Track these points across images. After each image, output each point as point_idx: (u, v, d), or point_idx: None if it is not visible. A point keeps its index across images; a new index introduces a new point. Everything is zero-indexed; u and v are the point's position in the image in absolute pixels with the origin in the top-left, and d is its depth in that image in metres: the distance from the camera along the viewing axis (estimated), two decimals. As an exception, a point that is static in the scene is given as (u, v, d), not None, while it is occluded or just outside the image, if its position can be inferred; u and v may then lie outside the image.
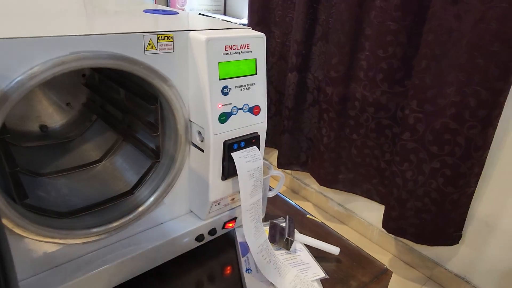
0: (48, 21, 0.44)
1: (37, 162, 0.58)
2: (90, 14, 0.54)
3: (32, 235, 0.40)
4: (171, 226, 0.53)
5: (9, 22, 0.41)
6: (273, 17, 1.63)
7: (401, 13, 1.16)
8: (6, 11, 0.47)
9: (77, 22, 0.46)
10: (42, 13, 0.48)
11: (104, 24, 0.47)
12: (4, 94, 0.33)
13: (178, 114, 0.47)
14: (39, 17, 0.45)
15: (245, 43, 0.46)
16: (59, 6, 0.54)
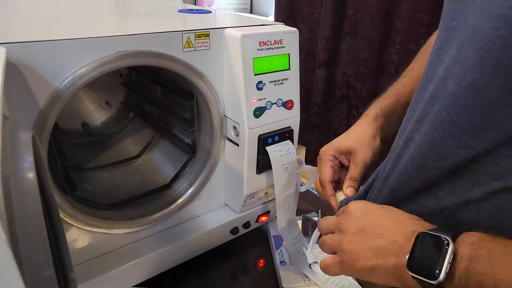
0: (91, 23, 0.46)
1: (81, 158, 0.61)
2: (126, 16, 0.56)
3: (81, 224, 0.43)
4: (207, 219, 0.55)
5: (55, 25, 0.44)
6: (300, 14, 1.62)
7: (434, 4, 1.13)
8: (47, 15, 0.50)
9: (119, 23, 0.49)
10: (81, 15, 0.51)
11: (144, 25, 0.49)
12: (58, 93, 0.36)
13: (213, 110, 0.48)
14: (80, 19, 0.48)
15: (279, 39, 0.47)
16: (95, 9, 0.56)
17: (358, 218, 0.36)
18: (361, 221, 0.36)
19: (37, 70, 0.34)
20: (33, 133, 0.25)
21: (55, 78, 0.36)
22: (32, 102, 0.35)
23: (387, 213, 0.35)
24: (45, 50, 0.34)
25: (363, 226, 0.35)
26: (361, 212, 0.36)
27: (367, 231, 0.35)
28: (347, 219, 0.37)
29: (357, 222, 0.36)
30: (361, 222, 0.35)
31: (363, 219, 0.36)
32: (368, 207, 0.36)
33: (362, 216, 0.36)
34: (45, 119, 0.36)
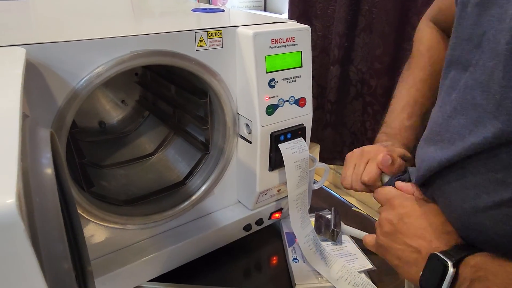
0: (107, 24, 0.47)
1: (98, 155, 0.63)
2: (141, 16, 0.57)
3: (98, 219, 0.44)
4: (220, 216, 0.55)
5: (72, 26, 0.45)
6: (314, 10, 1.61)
7: (451, -2, 1.10)
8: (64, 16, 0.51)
9: (133, 24, 0.50)
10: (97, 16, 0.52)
11: (158, 24, 0.50)
12: (75, 92, 0.37)
13: (226, 108, 0.49)
14: (96, 20, 0.49)
15: (291, 36, 0.47)
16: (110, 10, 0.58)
17: (392, 220, 0.39)
18: (394, 224, 0.38)
19: (55, 69, 0.35)
20: (51, 130, 0.26)
21: (73, 78, 0.37)
22: (50, 101, 0.36)
23: (422, 222, 0.36)
24: (63, 51, 0.35)
25: (396, 230, 0.38)
26: (397, 216, 0.38)
27: (398, 236, 0.38)
28: (385, 214, 0.40)
29: (389, 224, 0.39)
30: (394, 225, 0.38)
31: (397, 223, 0.38)
32: (407, 210, 0.38)
33: (397, 220, 0.38)
34: (63, 117, 0.37)
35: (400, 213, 0.38)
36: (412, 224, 0.37)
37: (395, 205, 0.39)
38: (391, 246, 0.38)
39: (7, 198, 0.13)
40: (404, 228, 0.37)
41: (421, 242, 0.35)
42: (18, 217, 0.13)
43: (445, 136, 0.33)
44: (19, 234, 0.14)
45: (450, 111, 0.33)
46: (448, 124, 0.33)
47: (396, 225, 0.38)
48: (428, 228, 0.36)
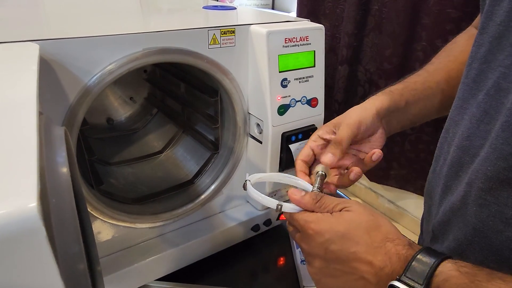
0: (118, 20, 0.47)
1: (106, 153, 0.62)
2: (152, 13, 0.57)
3: (107, 217, 0.44)
4: (229, 216, 0.55)
5: (84, 22, 0.45)
6: (323, 9, 1.60)
7: (463, -1, 1.09)
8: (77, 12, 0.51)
9: (144, 20, 0.49)
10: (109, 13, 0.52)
11: (170, 22, 0.49)
12: (87, 88, 0.36)
13: (237, 107, 0.48)
14: (108, 17, 0.49)
15: (304, 35, 0.46)
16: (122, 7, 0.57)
17: (318, 253, 0.34)
18: (322, 257, 0.33)
19: (67, 66, 0.35)
20: (65, 128, 0.25)
21: (85, 74, 0.36)
22: (62, 98, 0.36)
23: (348, 244, 0.32)
24: (75, 47, 0.35)
25: (326, 262, 0.33)
26: (319, 246, 0.33)
27: (331, 267, 0.33)
28: (306, 247, 0.35)
29: (317, 259, 0.34)
30: (322, 257, 0.33)
31: (324, 254, 0.33)
32: (327, 236, 0.32)
33: (322, 251, 0.33)
34: (74, 114, 0.36)
35: (321, 242, 0.33)
36: (339, 250, 0.32)
37: (310, 234, 0.34)
38: (331, 281, 0.33)
39: (29, 201, 0.13)
40: (334, 257, 0.32)
41: (360, 267, 0.31)
42: (40, 222, 0.13)
43: None
44: (40, 239, 0.13)
45: None
46: None
47: (324, 257, 0.33)
48: (358, 248, 0.31)
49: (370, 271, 0.30)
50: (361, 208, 0.34)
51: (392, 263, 0.29)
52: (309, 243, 0.34)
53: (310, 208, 0.35)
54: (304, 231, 0.34)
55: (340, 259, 0.32)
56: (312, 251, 0.34)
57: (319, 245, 0.33)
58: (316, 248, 0.33)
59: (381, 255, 0.30)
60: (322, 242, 0.32)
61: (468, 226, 0.32)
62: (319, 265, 0.34)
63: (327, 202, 0.35)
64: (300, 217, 0.35)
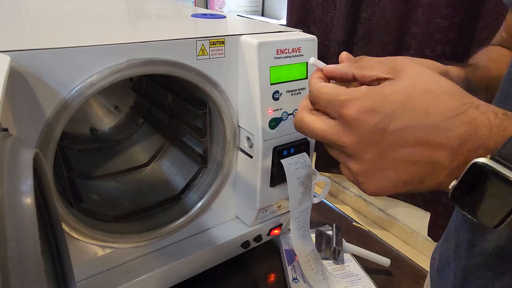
0: (102, 29, 0.45)
1: (89, 165, 0.59)
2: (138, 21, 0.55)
3: (87, 238, 0.41)
4: (218, 232, 0.53)
5: (64, 31, 0.42)
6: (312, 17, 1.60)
7: (452, 9, 1.10)
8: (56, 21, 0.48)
9: (129, 30, 0.47)
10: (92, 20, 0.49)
11: (156, 31, 0.47)
12: (65, 102, 0.34)
13: (227, 120, 0.46)
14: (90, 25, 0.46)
15: (297, 47, 0.44)
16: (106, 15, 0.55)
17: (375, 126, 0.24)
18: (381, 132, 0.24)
19: (44, 79, 0.32)
20: (36, 151, 0.23)
21: (63, 87, 0.34)
22: (38, 113, 0.33)
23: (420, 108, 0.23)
24: (52, 58, 0.32)
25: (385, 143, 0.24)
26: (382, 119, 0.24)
27: (390, 153, 0.24)
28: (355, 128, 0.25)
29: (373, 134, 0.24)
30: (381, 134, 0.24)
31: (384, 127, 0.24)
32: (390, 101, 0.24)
33: (386, 122, 0.24)
34: (51, 130, 0.34)
35: (375, 124, 0.24)
36: (404, 127, 0.23)
37: (357, 118, 0.25)
38: (386, 177, 0.25)
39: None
40: (396, 140, 0.24)
41: (434, 145, 0.23)
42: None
43: None
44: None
45: None
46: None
47: (380, 142, 0.24)
48: (431, 118, 0.23)
49: (446, 148, 0.23)
50: (418, 68, 0.25)
51: (479, 136, 0.22)
52: (356, 130, 0.25)
53: (349, 71, 0.27)
54: (345, 117, 0.25)
55: (406, 139, 0.24)
56: (362, 141, 0.25)
57: (373, 129, 0.24)
58: (369, 134, 0.25)
59: (462, 125, 0.22)
60: (376, 123, 0.24)
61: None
62: (372, 158, 0.25)
63: (369, 62, 0.27)
64: (336, 95, 0.26)
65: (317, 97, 0.28)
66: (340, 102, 0.26)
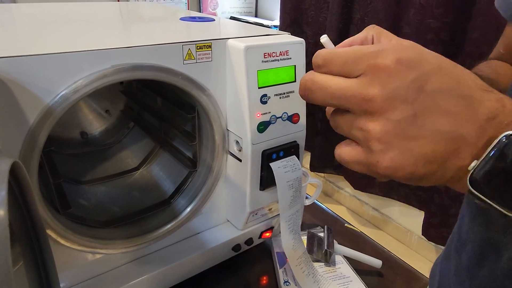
0: (88, 34, 0.44)
1: (78, 170, 0.59)
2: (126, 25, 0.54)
3: (75, 245, 0.41)
4: (208, 236, 0.52)
5: (48, 36, 0.42)
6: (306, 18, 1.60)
7: (443, 10, 1.10)
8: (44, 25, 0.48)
9: (116, 34, 0.47)
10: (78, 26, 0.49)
11: (143, 35, 0.47)
12: (49, 109, 0.33)
13: (215, 124, 0.46)
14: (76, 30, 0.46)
15: (284, 50, 0.44)
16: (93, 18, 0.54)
17: (411, 82, 0.21)
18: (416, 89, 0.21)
19: (26, 85, 0.32)
20: (14, 160, 0.23)
21: (47, 94, 0.33)
22: (21, 120, 0.33)
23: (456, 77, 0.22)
24: (35, 65, 0.32)
25: (418, 104, 0.21)
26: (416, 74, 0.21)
27: (420, 117, 0.22)
28: (388, 78, 0.22)
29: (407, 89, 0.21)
30: (416, 92, 0.21)
31: (420, 85, 0.21)
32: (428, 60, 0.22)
33: (418, 80, 0.21)
34: (35, 137, 0.34)
35: (412, 79, 0.21)
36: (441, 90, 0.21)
37: (391, 67, 0.22)
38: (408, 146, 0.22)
39: None
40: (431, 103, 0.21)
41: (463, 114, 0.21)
42: None
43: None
44: None
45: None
46: None
47: (414, 102, 0.21)
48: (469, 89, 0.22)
49: (474, 122, 0.21)
50: None
51: (507, 114, 0.21)
52: (389, 83, 0.22)
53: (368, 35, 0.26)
54: (380, 66, 0.22)
55: (439, 105, 0.21)
56: (394, 96, 0.21)
57: (410, 84, 0.21)
58: (404, 90, 0.21)
59: (491, 101, 0.21)
60: (414, 78, 0.21)
61: None
62: (400, 119, 0.22)
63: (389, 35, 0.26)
64: (362, 49, 0.23)
65: (330, 57, 0.24)
66: (372, 54, 0.22)
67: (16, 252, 0.29)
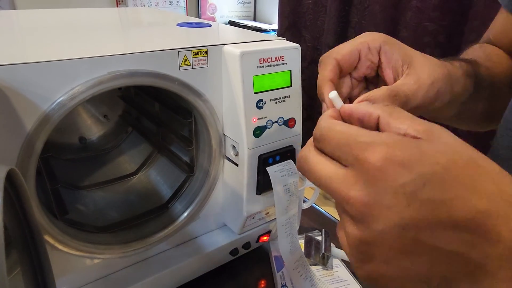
0: (86, 40, 0.45)
1: (76, 175, 0.59)
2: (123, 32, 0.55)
3: (73, 250, 0.41)
4: (205, 240, 0.53)
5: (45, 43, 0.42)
6: (304, 21, 1.61)
7: (440, 13, 1.11)
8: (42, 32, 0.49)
9: (113, 40, 0.47)
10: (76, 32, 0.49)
11: (140, 41, 0.47)
12: (46, 116, 0.34)
13: (212, 129, 0.46)
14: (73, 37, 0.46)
15: (280, 55, 0.45)
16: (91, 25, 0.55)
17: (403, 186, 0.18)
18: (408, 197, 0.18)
19: (24, 93, 0.32)
20: (11, 168, 0.23)
21: (44, 101, 0.34)
22: (18, 127, 0.33)
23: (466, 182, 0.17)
24: (33, 72, 0.32)
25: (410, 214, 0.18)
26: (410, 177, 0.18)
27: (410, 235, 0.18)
28: (377, 179, 0.18)
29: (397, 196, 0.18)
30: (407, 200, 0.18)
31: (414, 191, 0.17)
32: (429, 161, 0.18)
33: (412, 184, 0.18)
34: (32, 143, 0.34)
35: (403, 183, 0.18)
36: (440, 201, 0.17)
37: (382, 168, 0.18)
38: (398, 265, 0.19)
39: None
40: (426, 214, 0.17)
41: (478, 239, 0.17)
42: None
43: None
44: None
45: None
46: None
47: (404, 211, 0.18)
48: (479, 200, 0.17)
49: (496, 244, 0.17)
50: (455, 138, 0.19)
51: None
52: (373, 185, 0.18)
53: (375, 111, 0.21)
54: (365, 163, 0.19)
55: (440, 217, 0.17)
56: (378, 202, 0.18)
57: (400, 189, 0.18)
58: (390, 195, 0.18)
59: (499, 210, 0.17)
60: (406, 182, 0.18)
61: None
62: (383, 229, 0.18)
63: (401, 113, 0.21)
64: (355, 135, 0.20)
65: (326, 135, 0.22)
66: (361, 145, 0.19)
67: (13, 259, 0.29)
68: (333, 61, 0.29)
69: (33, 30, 0.49)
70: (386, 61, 0.29)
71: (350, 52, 0.29)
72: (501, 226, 0.17)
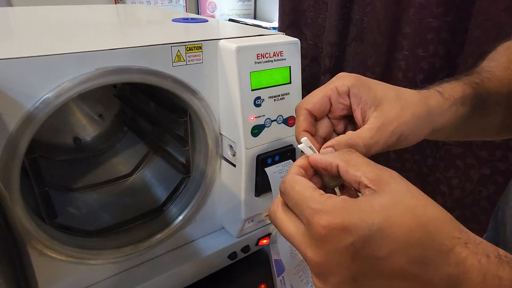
0: (76, 36, 0.43)
1: (70, 176, 0.57)
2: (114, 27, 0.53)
3: (62, 256, 0.39)
4: (203, 244, 0.51)
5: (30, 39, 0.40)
6: (305, 19, 1.58)
7: (443, 9, 1.08)
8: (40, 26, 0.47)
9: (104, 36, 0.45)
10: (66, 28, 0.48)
11: (131, 37, 0.45)
12: (30, 115, 0.32)
13: (208, 128, 0.44)
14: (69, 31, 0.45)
15: (278, 51, 0.43)
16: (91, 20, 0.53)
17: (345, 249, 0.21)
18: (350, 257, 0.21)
19: (5, 90, 0.31)
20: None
21: (27, 99, 0.32)
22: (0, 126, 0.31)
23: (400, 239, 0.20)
24: (14, 69, 0.30)
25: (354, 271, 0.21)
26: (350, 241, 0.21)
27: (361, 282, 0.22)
28: (322, 244, 0.21)
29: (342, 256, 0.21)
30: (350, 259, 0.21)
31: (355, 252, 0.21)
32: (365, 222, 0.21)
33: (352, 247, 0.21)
34: (15, 144, 0.32)
35: (345, 246, 0.21)
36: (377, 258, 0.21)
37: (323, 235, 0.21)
38: None
39: None
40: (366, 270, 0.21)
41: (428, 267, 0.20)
42: None
43: None
44: None
45: None
46: None
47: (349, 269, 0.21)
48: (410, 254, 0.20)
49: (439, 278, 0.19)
50: (405, 185, 0.22)
51: (471, 282, 0.19)
52: (322, 248, 0.21)
53: (334, 161, 0.24)
54: (313, 230, 0.22)
55: (380, 268, 0.20)
56: (328, 261, 0.22)
57: (343, 250, 0.21)
58: (337, 255, 0.21)
59: (449, 267, 0.19)
60: (348, 245, 0.21)
61: None
62: (337, 282, 0.22)
63: (358, 159, 0.24)
64: (308, 199, 0.22)
65: (287, 193, 0.24)
66: (310, 210, 0.22)
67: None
68: (304, 112, 0.31)
69: (24, 27, 0.48)
70: (355, 103, 0.30)
71: (320, 99, 0.31)
72: (433, 272, 0.20)
